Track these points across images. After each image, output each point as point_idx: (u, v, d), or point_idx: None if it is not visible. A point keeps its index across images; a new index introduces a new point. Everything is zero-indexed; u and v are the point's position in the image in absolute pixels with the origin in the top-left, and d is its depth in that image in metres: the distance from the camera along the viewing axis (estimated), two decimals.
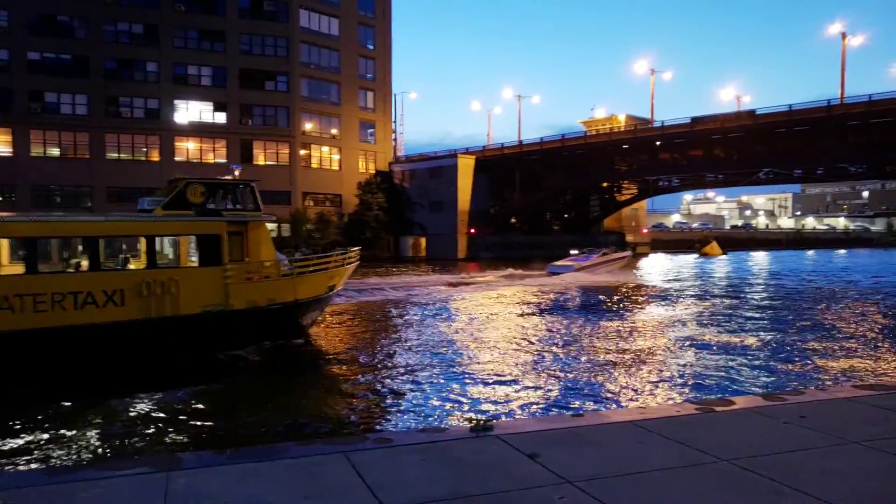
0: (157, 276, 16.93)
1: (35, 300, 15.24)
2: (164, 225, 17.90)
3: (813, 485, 5.20)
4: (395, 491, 5.09)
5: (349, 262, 23.35)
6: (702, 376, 16.44)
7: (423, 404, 14.07)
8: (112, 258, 17.66)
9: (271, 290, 19.16)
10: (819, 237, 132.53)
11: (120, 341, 16.26)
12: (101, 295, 16.07)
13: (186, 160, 64.47)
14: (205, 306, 17.57)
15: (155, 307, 16.80)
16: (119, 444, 11.63)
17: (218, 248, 18.10)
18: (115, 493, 5.05)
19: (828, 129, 57.96)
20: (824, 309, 31.02)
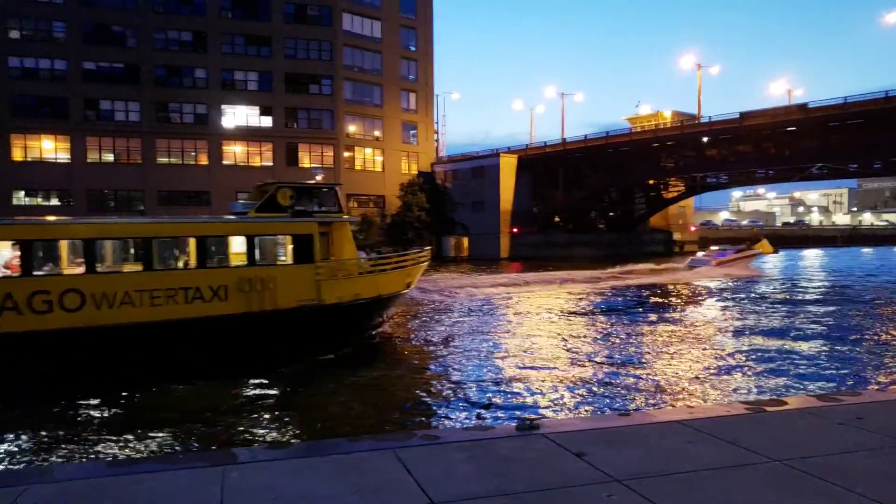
0: (256, 273, 18.31)
1: (152, 295, 16.67)
2: (263, 226, 19.30)
3: (868, 487, 5.09)
4: (442, 486, 5.17)
5: (422, 260, 24.55)
6: (753, 376, 16.13)
7: (471, 403, 14.16)
8: (211, 257, 18.75)
9: (357, 287, 20.46)
10: (877, 234, 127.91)
11: (224, 333, 17.58)
12: (207, 290, 17.48)
13: (234, 164, 65.93)
14: (300, 301, 18.90)
15: (255, 302, 18.10)
16: (176, 439, 12.03)
17: (310, 247, 19.46)
18: (172, 486, 5.23)
19: (885, 122, 55.90)
20: (882, 308, 30.01)
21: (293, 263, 19.28)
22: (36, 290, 15.55)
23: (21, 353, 15.38)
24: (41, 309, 15.53)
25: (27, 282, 15.57)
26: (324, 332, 19.69)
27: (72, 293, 15.87)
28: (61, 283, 15.93)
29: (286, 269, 19.16)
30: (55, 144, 61.38)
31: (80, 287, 16.02)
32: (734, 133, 64.98)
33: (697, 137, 67.99)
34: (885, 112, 55.14)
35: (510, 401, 14.16)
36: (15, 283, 15.59)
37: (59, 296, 15.75)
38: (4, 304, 15.24)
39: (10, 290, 15.40)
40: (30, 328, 15.34)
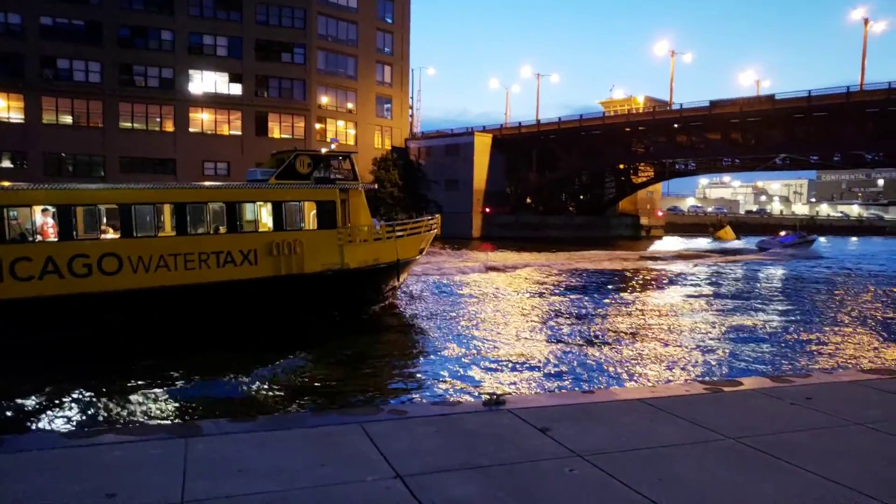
0: (284, 238, 18.95)
1: (185, 259, 17.28)
2: (290, 192, 19.69)
3: (815, 463, 5.33)
4: (409, 460, 5.26)
5: (434, 228, 25.33)
6: (712, 357, 16.57)
7: (438, 379, 14.32)
8: (241, 223, 19.19)
9: (378, 252, 21.25)
10: (833, 224, 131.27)
11: (254, 296, 18.22)
12: (238, 255, 18.14)
13: (201, 131, 64.55)
14: (324, 265, 19.65)
15: (284, 266, 18.83)
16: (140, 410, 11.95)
17: (333, 213, 20.22)
18: (133, 458, 5.18)
19: (846, 116, 57.25)
20: (835, 294, 30.95)
21: (317, 229, 19.95)
22: (76, 253, 15.95)
23: (62, 316, 15.68)
24: (81, 272, 15.94)
25: (68, 245, 15.95)
26: (346, 295, 20.52)
27: (110, 257, 16.37)
28: (100, 247, 16.35)
29: (311, 234, 19.76)
30: (8, 103, 58.27)
31: (118, 251, 16.51)
32: (704, 121, 65.84)
33: (669, 124, 68.73)
34: (846, 107, 56.43)
35: (478, 377, 14.34)
36: (56, 246, 15.88)
37: (98, 259, 16.18)
38: (46, 268, 15.56)
39: (51, 254, 15.71)
40: (71, 291, 15.74)
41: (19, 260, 15.51)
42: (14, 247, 15.58)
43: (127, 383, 13.37)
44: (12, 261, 15.43)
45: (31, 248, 15.82)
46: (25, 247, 15.76)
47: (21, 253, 15.59)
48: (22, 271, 15.53)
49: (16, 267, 15.47)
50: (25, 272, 15.55)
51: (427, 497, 4.62)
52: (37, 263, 15.66)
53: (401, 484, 4.84)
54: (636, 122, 72.69)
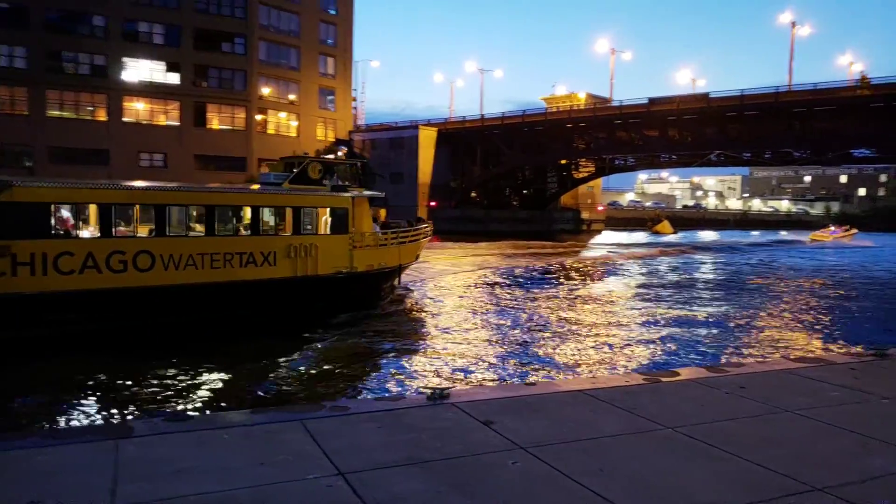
0: (301, 241, 19.98)
1: (212, 258, 18.12)
2: (308, 198, 20.77)
3: (747, 450, 5.51)
4: (351, 457, 5.19)
5: (428, 234, 26.58)
6: (651, 348, 16.99)
7: (384, 374, 14.25)
8: (264, 226, 19.94)
9: (383, 256, 22.74)
10: (764, 219, 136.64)
11: (273, 295, 19.25)
12: (259, 256, 19.06)
13: (136, 121, 62.31)
14: (335, 268, 20.80)
15: (300, 267, 19.84)
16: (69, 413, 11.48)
17: (345, 220, 21.39)
18: (60, 463, 4.95)
19: (775, 115, 59.53)
20: (767, 284, 32.19)
21: (331, 234, 21.00)
22: (114, 250, 16.64)
23: (99, 309, 16.34)
24: (118, 268, 16.67)
25: (107, 242, 16.64)
26: (353, 296, 21.63)
27: (144, 254, 17.07)
28: (136, 245, 17.05)
29: (325, 238, 20.78)
30: None
31: (152, 249, 17.23)
32: (642, 118, 67.37)
33: (609, 121, 70.05)
34: (776, 106, 58.69)
35: (424, 371, 14.32)
36: (96, 243, 16.55)
37: (134, 256, 16.90)
38: (86, 263, 16.19)
39: (91, 250, 16.33)
40: (109, 286, 16.42)
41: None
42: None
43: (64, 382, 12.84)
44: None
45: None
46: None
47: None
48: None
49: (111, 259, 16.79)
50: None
51: (369, 494, 4.57)
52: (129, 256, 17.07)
53: (343, 481, 4.77)
54: (577, 119, 73.86)
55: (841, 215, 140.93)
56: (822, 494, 4.71)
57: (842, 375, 8.14)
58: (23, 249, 15.40)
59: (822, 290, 31.39)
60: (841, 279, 37.27)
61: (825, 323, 22.06)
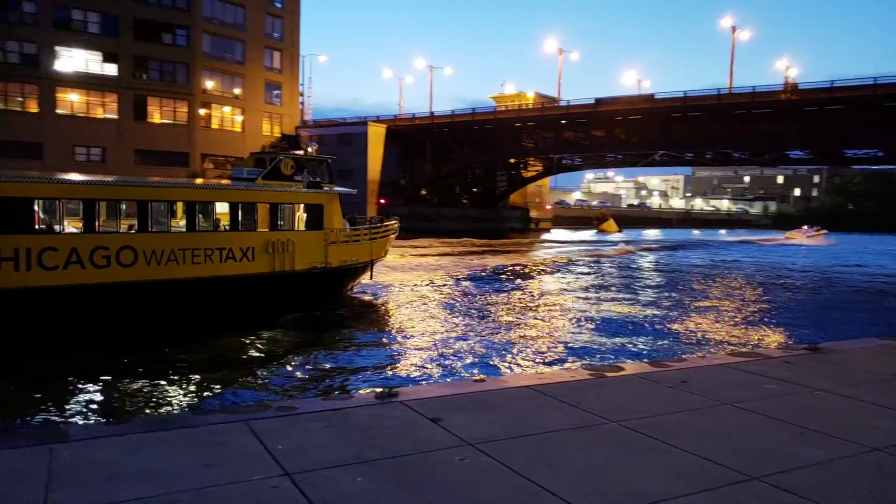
0: (279, 237, 20.21)
1: (193, 254, 18.16)
2: (285, 195, 20.99)
3: (688, 442, 5.66)
4: (298, 457, 5.12)
5: (396, 230, 27.38)
6: (596, 343, 17.30)
7: (332, 373, 14.11)
8: (242, 222, 19.94)
9: (356, 252, 23.06)
10: (706, 217, 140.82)
11: (251, 290, 19.50)
12: (238, 251, 19.21)
13: (71, 113, 59.96)
14: (311, 263, 21.02)
15: (277, 263, 20.07)
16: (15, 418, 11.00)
17: (320, 216, 21.70)
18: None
19: (717, 117, 61.38)
20: (708, 281, 33.16)
21: (306, 230, 21.30)
22: (97, 245, 16.54)
23: (84, 305, 16.27)
24: (101, 264, 16.58)
25: (91, 238, 16.53)
26: (326, 290, 22.26)
27: (127, 249, 17.02)
28: (119, 240, 17.03)
29: (301, 234, 21.07)
30: None
31: (135, 244, 17.22)
32: (589, 118, 68.52)
33: (557, 120, 70.99)
34: (718, 108, 60.53)
35: (374, 370, 14.25)
36: (80, 238, 16.43)
37: (117, 251, 16.85)
38: (70, 258, 16.06)
39: (75, 245, 16.23)
40: (92, 281, 16.31)
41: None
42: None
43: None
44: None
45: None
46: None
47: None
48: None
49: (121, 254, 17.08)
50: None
51: (316, 494, 4.51)
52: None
53: (289, 482, 4.70)
54: (526, 118, 74.64)
55: (778, 215, 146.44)
56: (758, 483, 4.87)
57: (777, 369, 8.43)
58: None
59: (770, 288, 32.52)
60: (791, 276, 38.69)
61: (766, 319, 22.86)
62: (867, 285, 36.43)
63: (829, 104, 55.14)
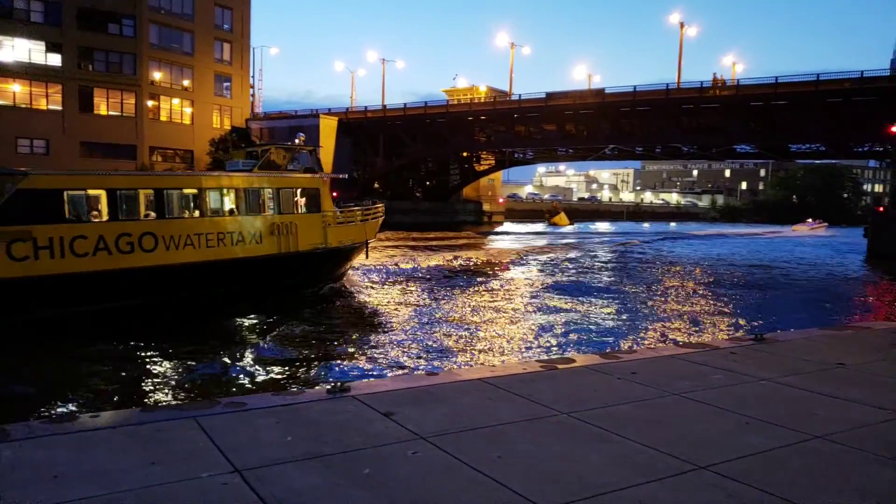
0: (283, 220, 21.68)
1: (206, 238, 19.24)
2: (286, 179, 22.48)
3: (637, 432, 5.78)
4: (248, 453, 5.05)
5: (383, 213, 28.88)
6: (548, 336, 17.51)
7: (283, 368, 13.94)
8: (250, 207, 21.18)
9: (352, 233, 24.67)
10: (655, 210, 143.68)
11: (260, 270, 20.76)
12: (248, 235, 20.44)
13: (13, 105, 57.80)
14: (312, 244, 22.44)
15: (283, 244, 21.40)
16: None
17: (318, 199, 23.24)
18: None
19: (665, 112, 62.67)
20: (656, 274, 33.89)
21: (307, 213, 22.74)
22: (122, 232, 17.60)
23: (110, 289, 17.11)
24: (126, 249, 17.62)
25: (115, 225, 17.63)
26: (325, 270, 23.74)
27: (148, 236, 18.11)
28: (141, 227, 18.13)
29: (303, 217, 22.53)
30: None
31: (155, 231, 18.28)
32: (541, 112, 69.12)
33: (509, 114, 71.41)
34: (666, 103, 61.80)
35: (326, 365, 14.14)
36: (105, 226, 17.44)
37: (139, 238, 17.92)
38: (98, 245, 17.04)
39: (101, 233, 17.21)
40: (119, 266, 17.38)
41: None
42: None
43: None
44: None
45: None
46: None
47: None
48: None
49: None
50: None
51: (267, 490, 4.45)
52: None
53: (239, 478, 4.63)
54: (478, 112, 74.87)
55: (725, 207, 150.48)
56: (704, 472, 5.00)
57: (723, 359, 8.66)
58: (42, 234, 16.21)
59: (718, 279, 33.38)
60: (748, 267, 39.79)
61: (718, 311, 23.49)
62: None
63: (775, 100, 56.83)
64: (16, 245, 15.58)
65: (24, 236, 15.72)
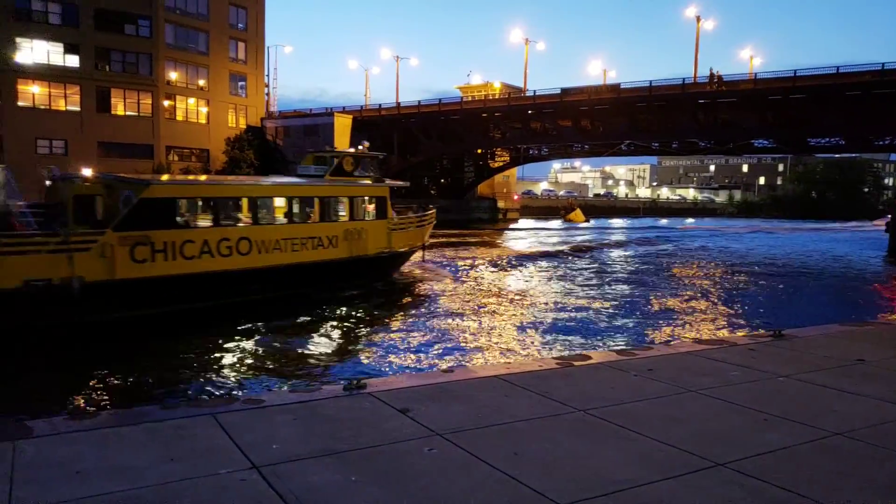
0: (355, 226, 23.33)
1: (292, 243, 20.85)
2: (359, 189, 24.25)
3: (654, 429, 5.75)
4: (266, 450, 5.10)
5: (434, 220, 30.41)
6: (565, 333, 17.45)
7: (299, 366, 14.02)
8: (328, 213, 22.81)
9: (411, 238, 26.56)
10: (672, 206, 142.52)
11: (335, 273, 22.29)
12: (325, 239, 22.07)
13: (32, 106, 58.51)
14: (379, 248, 24.12)
15: (354, 248, 23.00)
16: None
17: (384, 207, 24.94)
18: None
19: (682, 106, 62.05)
20: (673, 270, 33.65)
21: (374, 219, 24.35)
22: (222, 237, 19.09)
23: (211, 289, 18.48)
24: (225, 253, 19.00)
25: (217, 230, 19.09)
26: (386, 271, 25.42)
27: (244, 240, 19.57)
28: (238, 233, 19.65)
29: (371, 223, 24.11)
30: None
31: (249, 236, 19.78)
32: (556, 108, 68.75)
33: (523, 110, 71.11)
34: (683, 98, 61.21)
35: (342, 363, 14.20)
36: (209, 231, 18.91)
37: (237, 242, 19.38)
38: (203, 249, 18.51)
39: (206, 238, 18.66)
40: (219, 268, 18.76)
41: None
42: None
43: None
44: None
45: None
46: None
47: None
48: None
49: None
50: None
51: (285, 486, 4.49)
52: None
53: (257, 475, 4.68)
54: (493, 108, 74.62)
55: (743, 203, 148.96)
56: (723, 469, 4.97)
57: (741, 356, 8.60)
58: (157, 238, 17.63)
59: (736, 274, 33.10)
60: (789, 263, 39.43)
61: (736, 306, 23.27)
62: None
63: (793, 93, 56.11)
64: (138, 248, 17.11)
65: (144, 240, 17.24)
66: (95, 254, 16.36)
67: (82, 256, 16.06)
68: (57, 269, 15.66)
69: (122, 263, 16.81)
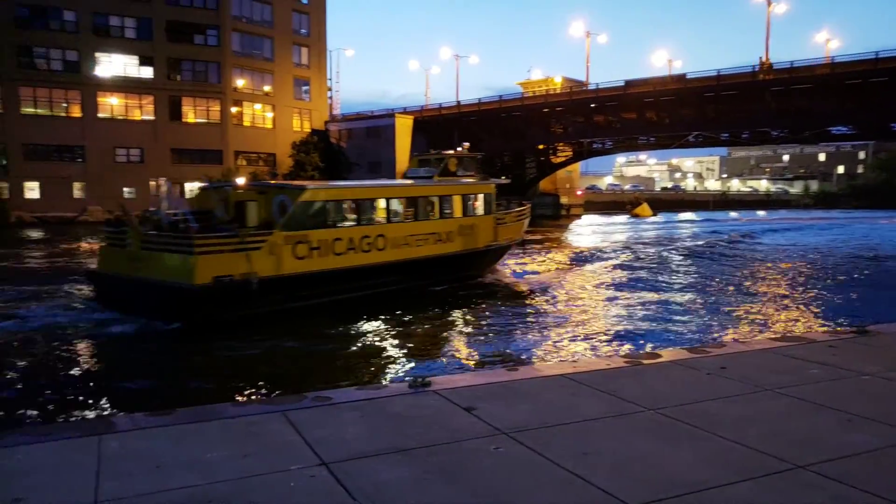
0: (467, 222, 25.01)
1: (417, 238, 22.76)
2: (470, 187, 26.15)
3: (727, 429, 5.56)
4: (334, 447, 5.18)
5: (530, 215, 31.89)
6: (633, 331, 17.09)
7: (363, 364, 14.21)
8: (446, 211, 24.51)
9: (512, 231, 28.08)
10: (743, 199, 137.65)
11: (451, 265, 24.01)
12: (444, 235, 23.88)
13: (111, 116, 61.43)
14: (487, 242, 25.81)
15: (467, 243, 24.73)
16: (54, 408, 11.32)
17: (491, 203, 26.67)
18: (42, 460, 4.89)
19: (753, 95, 59.84)
20: (747, 265, 32.52)
21: (483, 215, 26.00)
22: (363, 235, 20.87)
23: (355, 281, 20.06)
24: (366, 249, 20.79)
25: (359, 229, 20.93)
26: (491, 263, 27.29)
27: (380, 237, 21.38)
28: (375, 230, 21.41)
29: (481, 218, 25.84)
30: None
31: (384, 233, 21.64)
32: (619, 100, 67.47)
33: (586, 104, 70.09)
34: (753, 85, 59.02)
35: (406, 360, 14.32)
36: (353, 230, 20.80)
37: (375, 238, 21.20)
38: (349, 246, 20.32)
39: (351, 236, 20.51)
40: (361, 263, 20.48)
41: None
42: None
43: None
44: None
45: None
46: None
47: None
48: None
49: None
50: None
51: (353, 483, 4.55)
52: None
53: (326, 471, 4.76)
54: (554, 103, 73.83)
55: (820, 193, 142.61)
56: (803, 471, 4.76)
57: (821, 353, 8.23)
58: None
59: (815, 269, 31.78)
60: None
61: (815, 302, 22.29)
62: None
63: (873, 76, 53.37)
64: (299, 246, 18.91)
65: (303, 239, 19.05)
66: (265, 252, 17.98)
67: (255, 255, 17.68)
68: (237, 266, 17.27)
69: (286, 260, 18.54)
